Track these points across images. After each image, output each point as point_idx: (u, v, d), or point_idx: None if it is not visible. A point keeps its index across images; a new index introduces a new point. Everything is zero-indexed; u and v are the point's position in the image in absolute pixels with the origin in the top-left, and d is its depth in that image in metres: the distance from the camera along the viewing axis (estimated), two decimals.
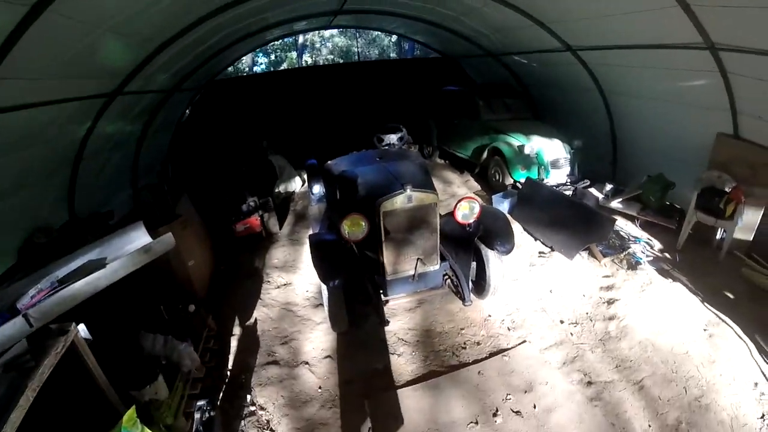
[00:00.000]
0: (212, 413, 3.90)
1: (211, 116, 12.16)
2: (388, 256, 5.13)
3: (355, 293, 5.30)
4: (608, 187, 7.42)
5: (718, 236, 6.11)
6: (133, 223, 4.28)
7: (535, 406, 4.16)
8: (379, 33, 25.84)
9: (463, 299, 5.28)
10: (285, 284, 6.48)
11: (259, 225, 7.76)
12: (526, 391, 4.34)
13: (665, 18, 5.18)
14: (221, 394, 4.56)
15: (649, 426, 3.87)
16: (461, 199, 5.17)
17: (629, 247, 6.29)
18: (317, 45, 31.54)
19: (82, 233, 5.79)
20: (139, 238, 4.13)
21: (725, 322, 4.78)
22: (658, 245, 6.41)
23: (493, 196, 8.14)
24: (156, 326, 4.34)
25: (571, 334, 5.07)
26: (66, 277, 3.36)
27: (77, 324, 3.15)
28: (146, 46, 6.03)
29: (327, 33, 30.27)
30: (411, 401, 4.37)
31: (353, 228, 4.85)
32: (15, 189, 5.06)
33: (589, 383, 4.37)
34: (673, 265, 5.87)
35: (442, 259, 5.34)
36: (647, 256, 6.15)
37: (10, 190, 4.98)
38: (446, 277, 5.53)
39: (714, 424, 3.82)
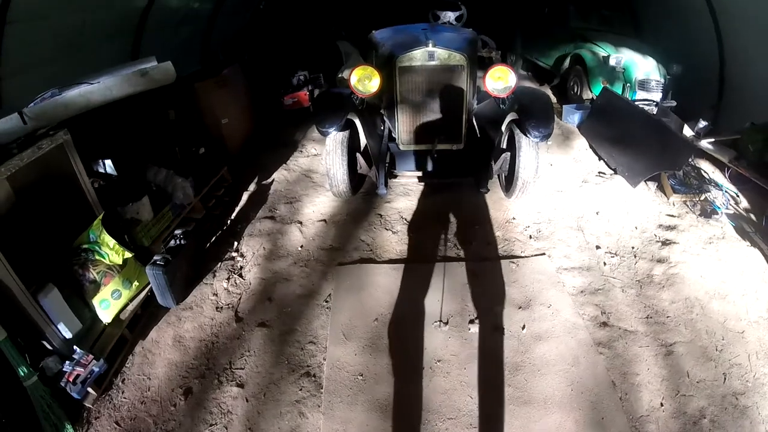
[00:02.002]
0: (182, 242, 3.54)
1: (288, 3, 10.93)
2: (402, 121, 4.21)
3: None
4: (702, 123, 5.58)
5: None
6: (147, 57, 3.83)
7: (523, 327, 3.13)
8: None
9: (478, 184, 4.17)
10: (315, 155, 5.69)
11: (308, 99, 6.90)
12: (520, 307, 3.30)
13: None
14: (214, 238, 4.27)
15: (661, 405, 2.66)
16: (493, 65, 3.92)
17: (708, 191, 4.68)
18: None
19: None
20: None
21: None
22: (744, 203, 4.70)
23: (563, 107, 6.64)
24: (168, 164, 4.24)
25: (604, 263, 3.81)
26: (64, 89, 3.07)
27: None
28: None
29: None
30: (382, 278, 3.55)
31: (362, 78, 3.91)
32: (71, 49, 4.52)
33: (604, 324, 3.20)
34: (756, 228, 4.21)
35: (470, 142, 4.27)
36: (727, 208, 4.54)
37: (65, 50, 4.45)
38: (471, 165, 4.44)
39: None
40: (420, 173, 4.55)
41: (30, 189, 2.98)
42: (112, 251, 3.11)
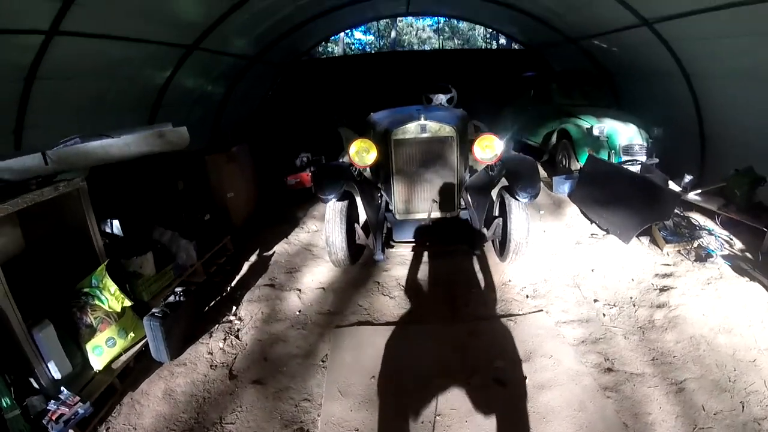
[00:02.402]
0: (182, 298, 3.52)
1: (294, 93, 11.78)
2: (398, 191, 4.31)
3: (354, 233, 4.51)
4: (687, 178, 5.66)
5: None
6: (163, 123, 4.09)
7: (526, 378, 2.96)
8: (472, 32, 23.66)
9: (473, 246, 4.16)
10: (315, 231, 5.71)
11: (310, 180, 7.06)
12: (521, 361, 3.13)
13: None
14: (213, 302, 4.20)
15: None
16: (480, 134, 4.08)
17: (701, 237, 4.67)
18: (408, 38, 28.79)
19: None
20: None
21: None
22: (739, 245, 4.68)
23: (553, 178, 6.76)
24: (174, 227, 4.30)
25: (604, 314, 3.69)
26: (87, 139, 3.26)
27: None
28: (219, 3, 5.82)
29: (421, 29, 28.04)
30: (379, 339, 3.43)
31: (360, 150, 4.10)
32: (92, 112, 4.95)
33: (609, 370, 3.04)
34: (754, 265, 4.15)
35: (464, 209, 4.34)
36: (722, 250, 4.50)
37: (87, 113, 4.87)
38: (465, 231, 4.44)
39: None
40: (416, 241, 4.57)
41: (42, 228, 3.09)
42: (112, 297, 3.09)
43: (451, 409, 2.77)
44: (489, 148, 4.14)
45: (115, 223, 3.91)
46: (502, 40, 20.14)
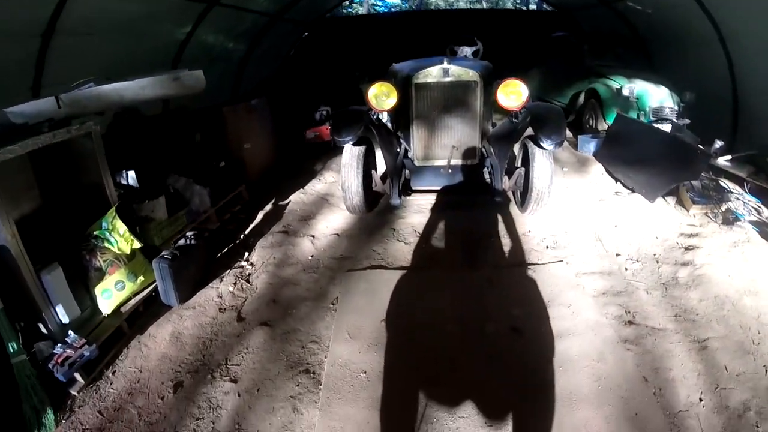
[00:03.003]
0: (193, 242, 3.39)
1: (316, 51, 11.36)
2: (418, 137, 4.07)
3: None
4: (717, 144, 5.23)
5: None
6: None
7: (543, 329, 2.75)
8: None
9: (492, 193, 3.93)
10: (332, 182, 5.51)
11: (328, 134, 6.84)
12: (539, 310, 2.93)
13: None
14: (225, 249, 4.03)
15: (700, 400, 2.26)
16: (505, 78, 3.78)
17: (729, 201, 4.34)
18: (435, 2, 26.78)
19: None
20: None
21: None
22: (767, 212, 4.32)
23: (579, 137, 6.40)
24: (189, 174, 4.19)
25: (626, 269, 3.45)
26: (101, 82, 3.07)
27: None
28: None
29: None
30: (392, 283, 3.26)
31: (380, 94, 3.82)
32: (111, 71, 4.62)
33: (629, 323, 2.81)
34: None
35: (485, 157, 4.11)
36: (750, 215, 4.17)
37: (106, 71, 4.52)
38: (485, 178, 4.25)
39: None
40: (435, 190, 4.36)
41: (53, 172, 2.96)
42: (121, 238, 2.97)
43: (463, 354, 2.61)
44: (514, 93, 3.81)
45: (131, 173, 3.79)
46: (533, 6, 19.06)
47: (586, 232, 4.00)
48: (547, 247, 3.79)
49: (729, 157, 5.04)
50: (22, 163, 2.69)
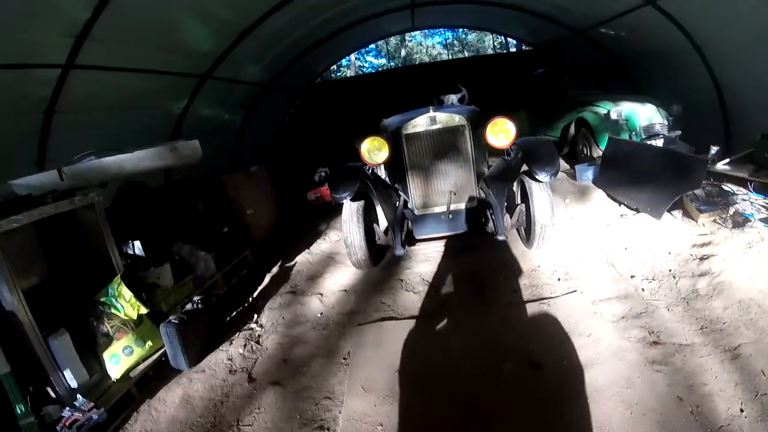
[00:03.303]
0: (200, 306, 3.46)
1: (310, 115, 11.81)
2: (414, 186, 4.13)
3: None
4: (713, 149, 5.26)
5: None
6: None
7: (564, 361, 2.69)
8: (481, 44, 23.33)
9: (496, 233, 3.91)
10: (337, 240, 5.53)
11: (329, 195, 6.99)
12: (557, 343, 2.86)
13: None
14: (234, 312, 4.11)
15: (741, 411, 2.16)
16: (491, 119, 3.89)
17: (735, 203, 4.29)
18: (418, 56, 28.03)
19: None
20: None
21: None
22: None
23: (576, 166, 6.46)
24: (193, 241, 4.34)
25: (643, 289, 3.39)
26: (102, 154, 3.27)
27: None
28: (227, 31, 5.88)
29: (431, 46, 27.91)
30: (404, 333, 3.22)
31: (372, 149, 3.95)
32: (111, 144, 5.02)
33: (654, 343, 2.74)
34: None
35: (484, 198, 4.13)
36: (759, 213, 4.12)
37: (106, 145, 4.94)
38: (486, 220, 4.23)
39: None
40: (438, 236, 4.38)
41: (60, 242, 3.08)
42: (128, 304, 3.03)
43: (482, 396, 2.53)
44: (502, 132, 3.91)
45: (137, 243, 3.88)
46: (513, 48, 19.85)
47: (597, 259, 3.97)
48: (559, 279, 3.75)
49: (727, 160, 5.08)
50: (28, 233, 2.82)
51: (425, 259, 4.46)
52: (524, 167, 3.94)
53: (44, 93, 3.93)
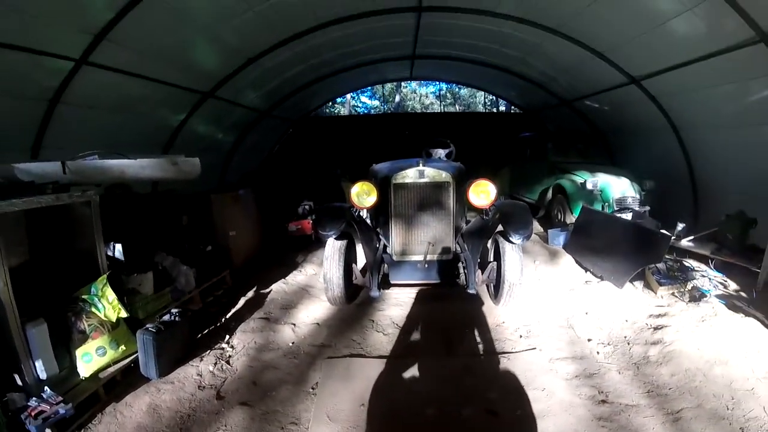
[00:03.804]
0: (177, 319, 3.54)
1: (300, 147, 12.21)
2: (396, 233, 4.36)
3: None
4: (680, 226, 5.72)
5: None
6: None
7: (519, 411, 2.87)
8: (473, 99, 24.32)
9: (467, 285, 4.14)
10: (313, 274, 5.73)
11: (311, 228, 7.13)
12: (514, 394, 3.05)
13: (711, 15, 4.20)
14: (207, 330, 4.21)
15: None
16: (473, 180, 4.22)
17: (694, 279, 4.67)
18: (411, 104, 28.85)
19: None
20: None
21: None
22: (733, 285, 4.67)
23: (548, 231, 6.82)
24: (176, 254, 4.48)
25: (598, 352, 3.63)
26: (105, 156, 3.47)
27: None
28: (234, 57, 6.24)
29: (424, 96, 28.84)
30: (371, 370, 3.36)
31: (362, 193, 4.24)
32: (108, 143, 5.03)
33: (603, 402, 2.96)
34: (748, 303, 4.14)
35: (459, 252, 4.41)
36: (716, 290, 4.49)
37: (103, 143, 4.97)
38: (459, 272, 4.48)
39: None
40: (412, 283, 4.58)
41: (48, 233, 3.16)
42: (109, 305, 3.11)
43: None
44: (483, 193, 4.24)
45: (118, 246, 3.98)
46: (503, 107, 20.75)
47: (558, 321, 4.23)
48: (521, 336, 3.97)
49: (691, 237, 5.49)
50: (17, 218, 2.89)
51: (397, 303, 4.66)
52: (500, 227, 4.20)
53: (53, 83, 4.16)
